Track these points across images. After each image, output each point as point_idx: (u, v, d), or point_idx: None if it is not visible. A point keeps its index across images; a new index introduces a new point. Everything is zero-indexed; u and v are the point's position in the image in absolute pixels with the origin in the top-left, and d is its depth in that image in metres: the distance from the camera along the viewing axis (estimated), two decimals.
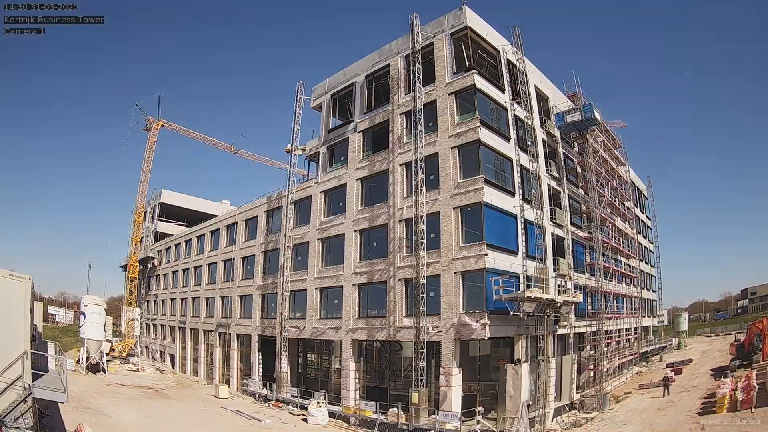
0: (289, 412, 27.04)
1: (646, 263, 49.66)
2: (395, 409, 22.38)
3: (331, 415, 24.90)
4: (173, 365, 47.68)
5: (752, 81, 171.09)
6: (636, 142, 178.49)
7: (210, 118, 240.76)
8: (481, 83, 23.46)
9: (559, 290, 23.98)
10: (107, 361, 39.00)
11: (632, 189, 45.16)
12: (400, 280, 24.32)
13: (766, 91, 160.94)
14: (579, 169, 31.70)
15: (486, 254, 21.19)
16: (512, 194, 24.20)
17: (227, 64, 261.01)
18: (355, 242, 27.39)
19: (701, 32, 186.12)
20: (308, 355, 33.05)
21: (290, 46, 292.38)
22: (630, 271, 38.62)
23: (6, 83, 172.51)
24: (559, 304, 22.90)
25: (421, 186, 23.21)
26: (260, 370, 33.48)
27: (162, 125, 51.71)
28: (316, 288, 29.45)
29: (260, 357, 33.76)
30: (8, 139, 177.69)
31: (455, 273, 22.10)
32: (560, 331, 25.90)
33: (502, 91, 25.31)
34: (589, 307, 29.10)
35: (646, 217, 53.66)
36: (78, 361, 37.14)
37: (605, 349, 28.81)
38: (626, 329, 37.00)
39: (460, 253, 22.07)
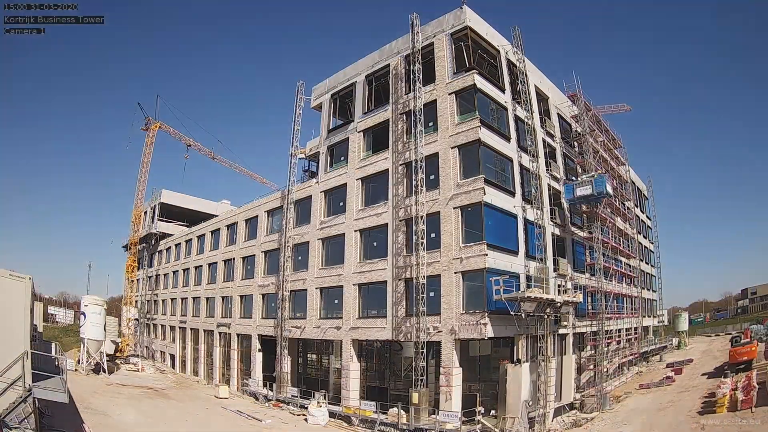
0: (290, 412, 27.03)
1: (647, 263, 49.64)
2: (395, 409, 22.36)
3: (332, 415, 24.89)
4: (173, 365, 47.66)
5: (752, 79, 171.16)
6: (636, 141, 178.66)
7: (209, 120, 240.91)
8: (482, 83, 23.45)
9: (559, 290, 23.97)
10: (107, 361, 38.97)
11: (632, 189, 45.13)
12: (400, 279, 24.31)
13: (765, 91, 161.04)
14: (579, 169, 31.64)
15: (486, 254, 21.18)
16: (512, 194, 24.20)
17: (226, 64, 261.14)
18: (356, 242, 27.38)
19: (701, 31, 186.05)
20: (308, 355, 33.05)
21: (290, 46, 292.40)
22: (630, 271, 38.59)
23: (6, 83, 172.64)
24: (559, 304, 22.87)
25: (422, 186, 23.21)
26: (260, 370, 33.45)
27: (159, 126, 51.65)
28: (316, 288, 29.43)
29: (261, 357, 33.73)
30: (8, 139, 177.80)
31: (455, 273, 22.08)
32: (560, 331, 25.90)
33: (503, 91, 25.31)
34: (590, 307, 29.08)
35: (647, 217, 53.64)
36: (78, 361, 37.17)
37: (605, 349, 28.77)
38: (626, 329, 37.00)
39: (461, 253, 22.05)
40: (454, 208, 22.68)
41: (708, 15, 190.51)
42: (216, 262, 41.84)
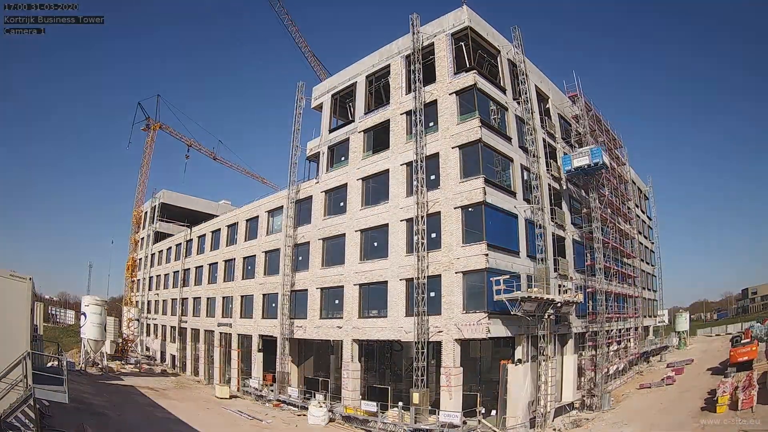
0: (290, 412, 27.03)
1: (647, 263, 49.63)
2: (396, 409, 22.36)
3: (332, 415, 24.89)
4: (173, 365, 47.68)
5: (754, 80, 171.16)
6: (637, 141, 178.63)
7: (210, 120, 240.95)
8: (482, 83, 23.44)
9: (559, 290, 23.95)
10: (107, 360, 38.99)
11: (633, 189, 45.09)
12: (401, 279, 24.29)
13: (766, 90, 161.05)
14: None
15: (487, 254, 21.16)
16: (513, 194, 24.19)
17: (227, 64, 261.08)
18: (356, 242, 27.35)
19: (702, 30, 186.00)
20: (309, 355, 33.01)
21: (291, 46, 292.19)
22: (631, 271, 38.57)
23: (6, 83, 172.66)
24: (559, 304, 22.87)
25: (422, 186, 23.21)
26: (261, 370, 33.45)
27: (160, 127, 51.65)
28: (317, 288, 29.41)
29: (261, 357, 33.72)
30: (8, 139, 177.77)
31: (456, 273, 22.05)
32: (561, 331, 25.88)
33: (503, 91, 25.30)
34: (590, 307, 29.08)
35: (647, 216, 53.61)
36: (78, 362, 37.16)
37: (606, 349, 28.78)
38: (627, 329, 36.97)
39: (461, 253, 22.02)
40: (454, 208, 22.66)
41: (708, 14, 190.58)
42: (216, 262, 41.81)
